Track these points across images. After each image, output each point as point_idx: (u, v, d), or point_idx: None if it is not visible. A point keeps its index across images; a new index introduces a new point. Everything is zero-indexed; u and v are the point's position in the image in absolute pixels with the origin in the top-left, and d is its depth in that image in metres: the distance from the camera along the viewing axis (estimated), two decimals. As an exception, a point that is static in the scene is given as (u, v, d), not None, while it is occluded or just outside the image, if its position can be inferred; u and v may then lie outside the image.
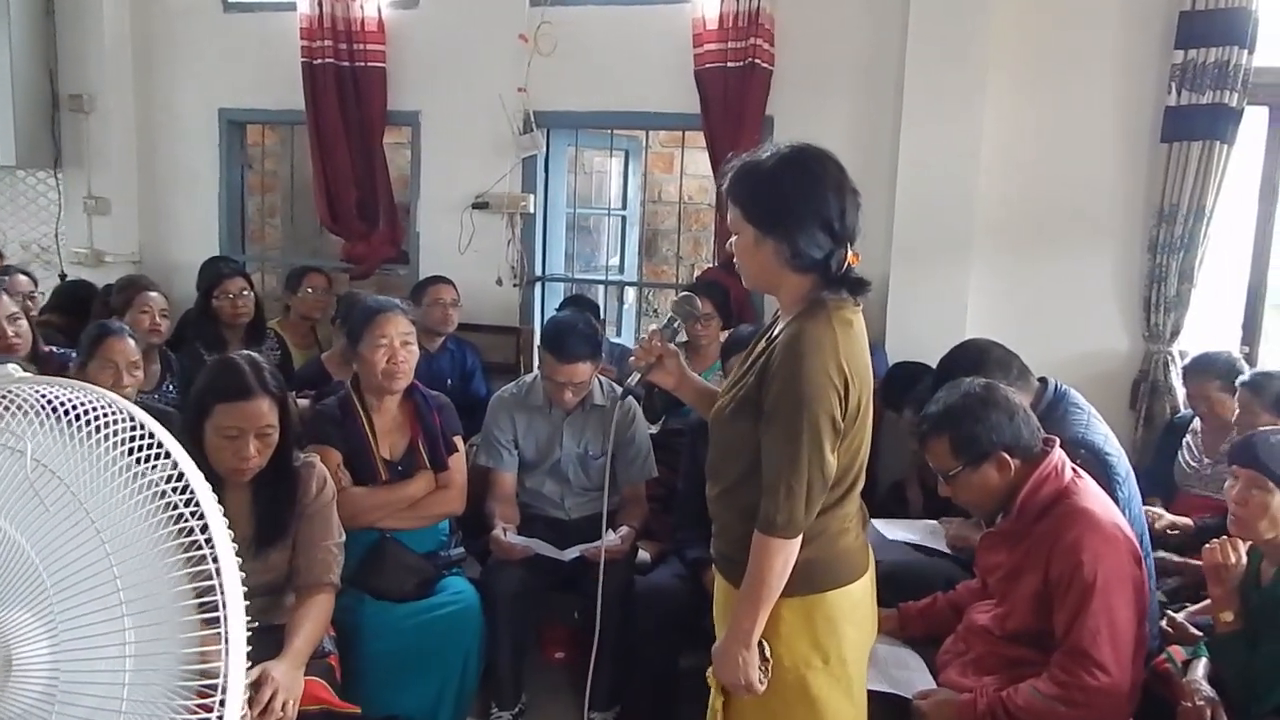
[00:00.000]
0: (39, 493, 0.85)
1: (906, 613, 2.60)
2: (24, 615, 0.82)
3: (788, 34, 4.08)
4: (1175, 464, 3.62)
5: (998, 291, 3.93)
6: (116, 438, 0.90)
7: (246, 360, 2.34)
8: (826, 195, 1.80)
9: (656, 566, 3.22)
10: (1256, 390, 3.11)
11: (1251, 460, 2.25)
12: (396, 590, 2.83)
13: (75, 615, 0.86)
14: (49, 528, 0.85)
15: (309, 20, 4.65)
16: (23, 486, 0.85)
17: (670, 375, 2.11)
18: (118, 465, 0.89)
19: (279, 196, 5.86)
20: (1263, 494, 2.22)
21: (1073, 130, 3.84)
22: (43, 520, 0.85)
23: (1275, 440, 2.27)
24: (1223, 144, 3.55)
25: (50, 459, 0.86)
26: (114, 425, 0.90)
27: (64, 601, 0.85)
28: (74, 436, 0.88)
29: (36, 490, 0.85)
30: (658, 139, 5.67)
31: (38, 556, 0.83)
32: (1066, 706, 2.07)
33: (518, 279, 4.67)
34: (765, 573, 1.80)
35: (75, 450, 0.88)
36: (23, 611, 0.83)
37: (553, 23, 4.40)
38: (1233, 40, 3.46)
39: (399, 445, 3.01)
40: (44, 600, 0.84)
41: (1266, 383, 3.10)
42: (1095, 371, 3.78)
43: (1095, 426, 2.75)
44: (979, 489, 2.26)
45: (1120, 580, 2.10)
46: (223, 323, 4.11)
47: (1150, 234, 3.74)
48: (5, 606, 0.83)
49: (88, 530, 0.86)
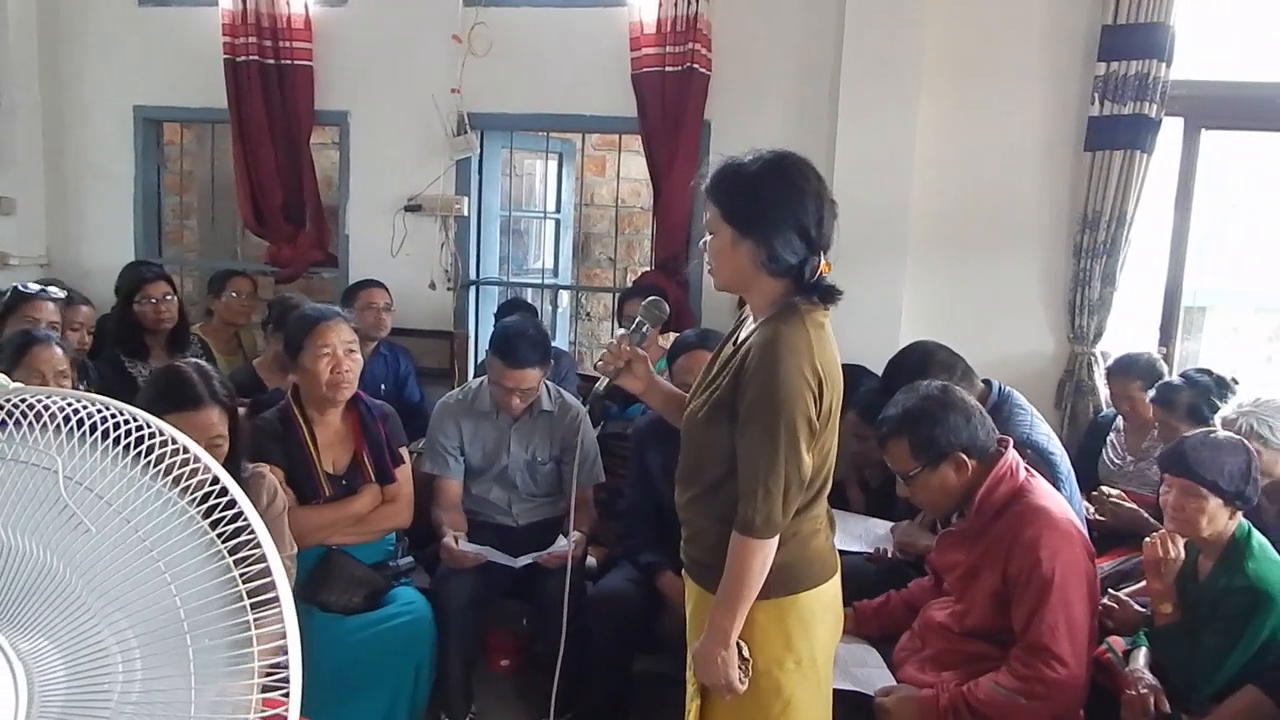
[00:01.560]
0: (78, 513, 0.79)
1: (862, 611, 2.65)
2: (46, 644, 0.77)
3: (724, 39, 4.11)
4: (1099, 461, 3.76)
5: (931, 295, 4.03)
6: (146, 452, 0.85)
7: (195, 368, 2.26)
8: (806, 202, 1.83)
9: (606, 572, 3.21)
10: (1167, 405, 3.15)
11: (1183, 470, 2.33)
12: (345, 603, 2.76)
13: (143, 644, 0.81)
14: (88, 550, 0.79)
15: (231, 16, 4.51)
16: (57, 507, 0.79)
17: (639, 380, 2.11)
18: (155, 482, 0.84)
19: (196, 197, 5.66)
20: (1197, 500, 2.31)
21: (1002, 138, 3.96)
22: (83, 543, 0.79)
23: (1202, 447, 2.35)
24: (1142, 153, 3.71)
25: (86, 477, 0.80)
26: (143, 437, 0.85)
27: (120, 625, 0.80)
28: (107, 453, 0.83)
29: (76, 510, 0.79)
30: (591, 142, 5.66)
31: (82, 583, 0.78)
32: (1027, 699, 2.13)
33: (452, 283, 4.60)
34: (744, 573, 1.82)
35: (111, 468, 0.82)
36: (47, 640, 0.77)
37: (487, 23, 4.35)
38: (1152, 54, 3.62)
39: (342, 458, 2.93)
40: (92, 628, 0.78)
41: (1174, 395, 3.14)
42: (1023, 372, 3.89)
43: (1038, 427, 2.85)
44: (937, 489, 2.32)
45: (1076, 576, 2.17)
46: (145, 329, 3.93)
47: (1075, 239, 3.88)
48: (32, 635, 0.77)
49: (137, 549, 0.80)
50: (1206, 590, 2.35)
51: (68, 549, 0.79)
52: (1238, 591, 2.27)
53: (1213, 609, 2.31)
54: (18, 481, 0.80)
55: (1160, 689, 2.29)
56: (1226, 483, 2.29)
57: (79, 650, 0.79)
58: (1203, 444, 2.36)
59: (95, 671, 0.79)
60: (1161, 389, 3.19)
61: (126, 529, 0.80)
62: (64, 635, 0.78)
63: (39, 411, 0.84)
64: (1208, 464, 2.30)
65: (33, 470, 0.80)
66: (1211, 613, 2.31)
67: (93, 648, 0.79)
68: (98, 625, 0.79)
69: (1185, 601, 2.38)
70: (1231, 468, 2.30)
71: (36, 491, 0.80)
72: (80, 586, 0.78)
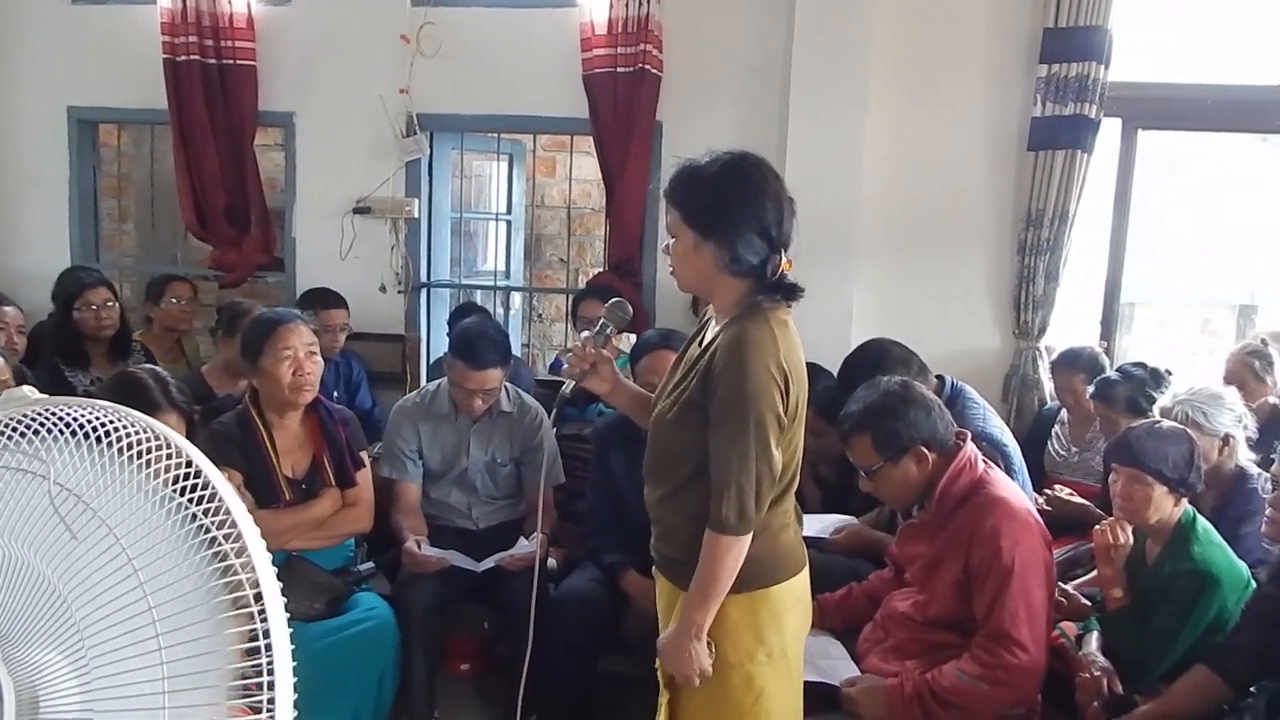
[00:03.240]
0: (65, 519, 0.78)
1: (824, 604, 2.68)
2: (52, 655, 0.75)
3: (676, 40, 4.14)
4: (1045, 452, 3.87)
5: (881, 293, 4.11)
6: (144, 458, 0.84)
7: (151, 374, 2.21)
8: (765, 203, 1.86)
9: (568, 573, 3.21)
10: (1106, 400, 3.23)
11: (1130, 459, 2.42)
12: (307, 610, 2.71)
13: (108, 652, 0.79)
14: (76, 557, 0.78)
15: (171, 15, 4.41)
16: (46, 514, 0.78)
17: (604, 381, 2.12)
18: (148, 488, 0.83)
19: (135, 201, 5.52)
20: (1144, 488, 2.39)
21: (948, 139, 4.05)
22: (70, 550, 0.78)
23: (1146, 437, 2.44)
24: (1083, 153, 3.83)
25: (75, 483, 0.79)
26: (141, 446, 0.84)
27: (95, 637, 0.78)
28: (100, 459, 0.81)
29: (62, 517, 0.78)
30: (541, 143, 5.65)
31: (67, 589, 0.76)
32: (990, 685, 2.18)
33: (402, 285, 4.56)
34: (718, 570, 1.84)
35: (102, 474, 0.81)
36: (50, 651, 0.75)
37: (436, 23, 4.31)
38: (1091, 56, 3.74)
39: (302, 463, 2.89)
40: (74, 637, 0.77)
41: (1111, 390, 3.22)
42: (971, 367, 3.97)
43: (991, 419, 2.92)
44: (900, 483, 2.36)
45: (1034, 564, 2.23)
46: (85, 336, 3.83)
47: (1019, 237, 3.98)
48: (31, 646, 0.75)
49: (119, 558, 0.79)
50: (1154, 575, 2.43)
51: (55, 556, 0.77)
52: (1184, 575, 2.36)
53: (1161, 592, 2.39)
54: (14, 488, 0.78)
55: (1112, 671, 2.37)
56: (1171, 470, 2.37)
57: (81, 658, 0.78)
58: (1148, 434, 2.45)
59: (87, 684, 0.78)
60: (1100, 385, 3.27)
61: (108, 536, 0.79)
62: (63, 646, 0.76)
63: (67, 421, 0.83)
64: (1152, 453, 2.38)
65: (27, 478, 0.78)
66: (1160, 596, 2.39)
67: (78, 660, 0.78)
68: (79, 636, 0.78)
69: (1135, 586, 2.46)
70: (1175, 456, 2.38)
71: (30, 500, 0.78)
72: (68, 595, 0.77)
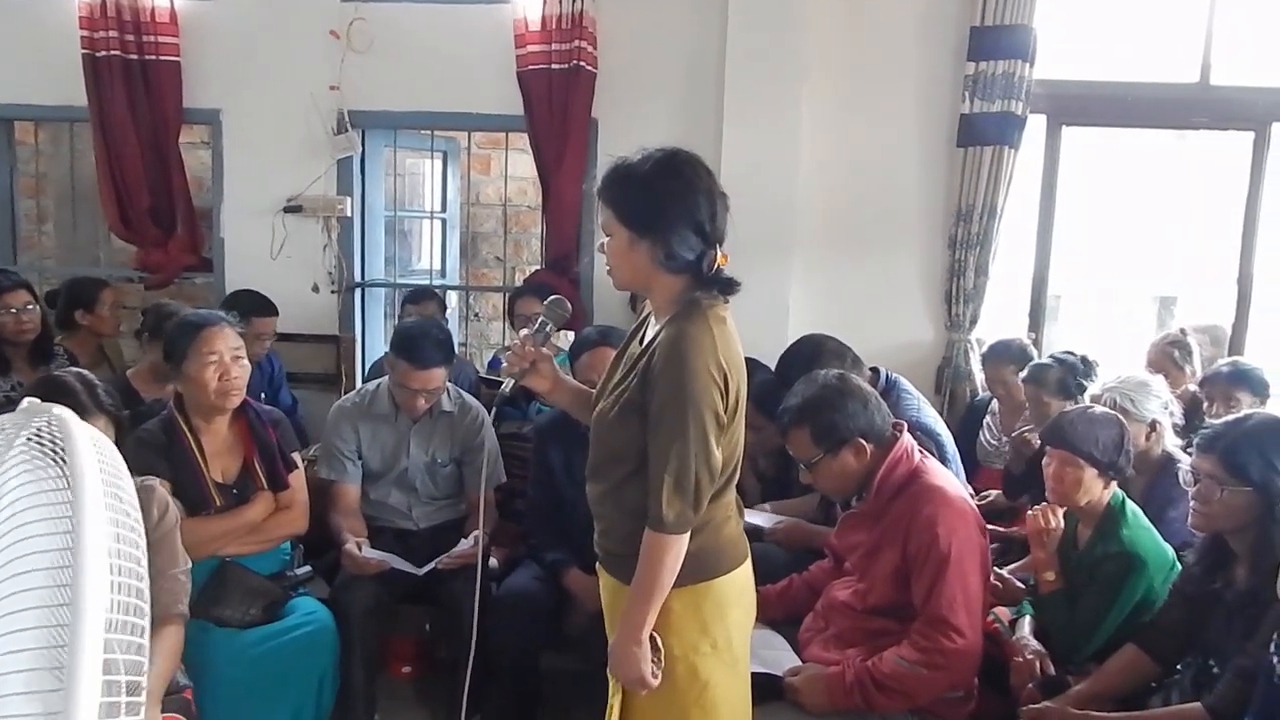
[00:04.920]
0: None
1: (766, 596, 2.69)
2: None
3: (611, 38, 4.14)
4: (977, 442, 3.95)
5: (817, 288, 4.15)
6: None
7: (77, 377, 2.14)
8: (698, 199, 1.86)
9: (509, 572, 3.19)
10: (1038, 382, 3.31)
11: (1062, 442, 2.49)
12: (242, 616, 2.66)
13: None
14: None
15: (89, 9, 4.29)
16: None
17: (545, 379, 2.10)
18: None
19: (53, 201, 5.35)
20: (1075, 470, 2.46)
21: (881, 136, 4.11)
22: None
23: (1079, 421, 2.51)
24: (1010, 149, 3.92)
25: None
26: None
27: None
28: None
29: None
30: (476, 140, 5.59)
31: None
32: (929, 670, 2.22)
33: (336, 285, 4.49)
34: (657, 569, 1.84)
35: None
36: None
37: (366, 19, 4.26)
38: (1017, 54, 3.83)
39: (232, 467, 2.82)
40: None
41: (1043, 373, 3.31)
42: (905, 360, 4.03)
43: (925, 410, 2.98)
44: (839, 474, 2.39)
45: (970, 550, 2.27)
46: (4, 340, 3.70)
47: (950, 232, 4.06)
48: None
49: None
50: (1085, 557, 2.50)
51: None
52: (1113, 557, 2.43)
53: (1091, 574, 2.47)
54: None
55: (1045, 653, 2.43)
56: (1101, 453, 2.44)
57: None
58: (1079, 418, 2.52)
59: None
60: (1032, 368, 3.36)
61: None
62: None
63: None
64: (1084, 436, 2.46)
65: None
66: (1090, 577, 2.47)
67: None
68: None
69: (1066, 568, 2.53)
70: (1105, 439, 2.46)
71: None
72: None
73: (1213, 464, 2.09)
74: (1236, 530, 2.10)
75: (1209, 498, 2.09)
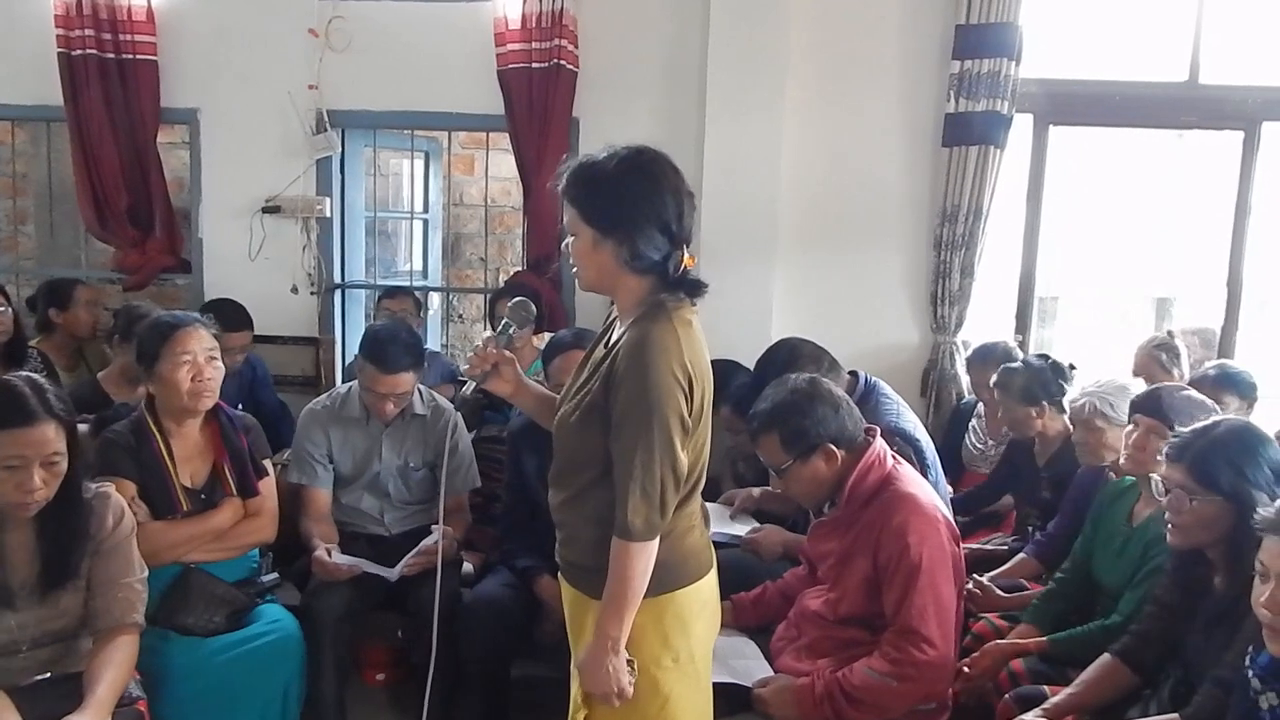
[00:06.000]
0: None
1: (739, 603, 2.66)
2: None
3: (591, 35, 4.09)
4: (962, 446, 3.91)
5: (800, 289, 4.10)
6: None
7: (26, 382, 2.08)
8: (664, 198, 1.82)
9: (482, 577, 3.14)
10: (1003, 386, 3.24)
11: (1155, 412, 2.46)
12: (205, 624, 2.60)
13: None
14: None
15: (65, 7, 4.24)
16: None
17: (507, 383, 2.06)
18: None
19: (33, 201, 5.30)
20: (1160, 441, 2.30)
21: (864, 135, 4.06)
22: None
23: (1178, 396, 2.49)
24: (996, 148, 3.86)
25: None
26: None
27: None
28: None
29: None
30: (458, 140, 5.55)
31: None
32: (899, 682, 2.17)
33: (315, 287, 4.44)
34: (629, 577, 1.80)
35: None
36: None
37: (345, 17, 4.21)
38: (1002, 53, 3.77)
39: (201, 472, 2.77)
40: None
41: (1010, 377, 3.22)
42: (890, 363, 4.00)
43: (904, 415, 2.92)
44: (809, 480, 2.34)
45: (942, 560, 2.22)
46: (-25, 343, 3.67)
47: (935, 233, 4.01)
48: None
49: None
50: (1141, 533, 2.48)
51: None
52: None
53: (1145, 552, 2.44)
54: None
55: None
56: None
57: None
58: (1179, 394, 2.51)
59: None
60: (1001, 372, 3.29)
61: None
62: None
63: None
64: (1180, 411, 2.40)
65: None
66: (1143, 557, 2.44)
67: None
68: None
69: (1115, 543, 2.55)
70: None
71: None
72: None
73: (1182, 474, 2.03)
74: (1211, 542, 2.05)
75: (1179, 508, 2.04)
